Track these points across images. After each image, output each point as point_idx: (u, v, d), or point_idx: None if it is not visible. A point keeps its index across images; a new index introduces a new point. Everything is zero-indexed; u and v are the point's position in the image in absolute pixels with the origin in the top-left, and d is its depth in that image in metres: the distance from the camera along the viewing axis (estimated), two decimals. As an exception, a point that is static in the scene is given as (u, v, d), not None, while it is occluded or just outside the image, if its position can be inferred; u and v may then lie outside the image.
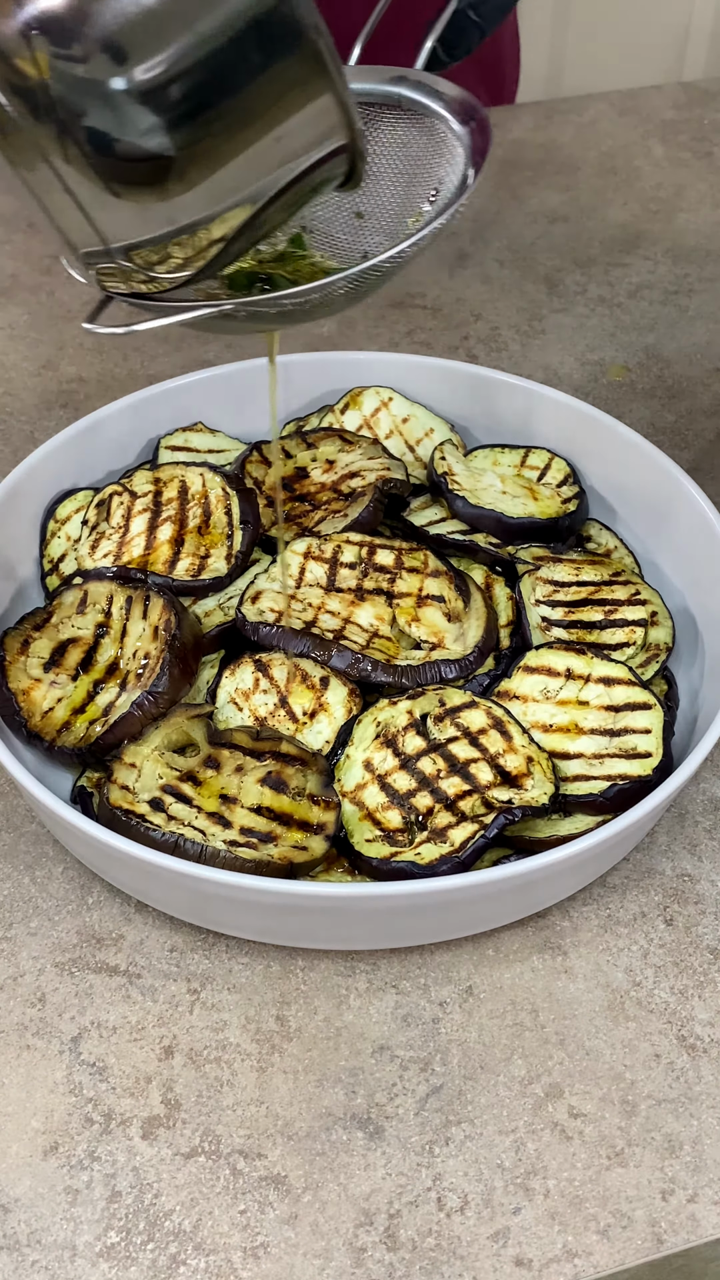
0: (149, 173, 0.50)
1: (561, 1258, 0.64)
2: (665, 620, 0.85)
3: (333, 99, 0.51)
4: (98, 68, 0.47)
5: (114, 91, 0.47)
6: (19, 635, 0.82)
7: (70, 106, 0.48)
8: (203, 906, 0.72)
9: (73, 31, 0.46)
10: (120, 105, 0.47)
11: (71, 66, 0.47)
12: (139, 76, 0.47)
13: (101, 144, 0.49)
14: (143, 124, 0.48)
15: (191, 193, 0.51)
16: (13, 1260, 0.63)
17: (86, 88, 0.47)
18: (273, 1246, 0.64)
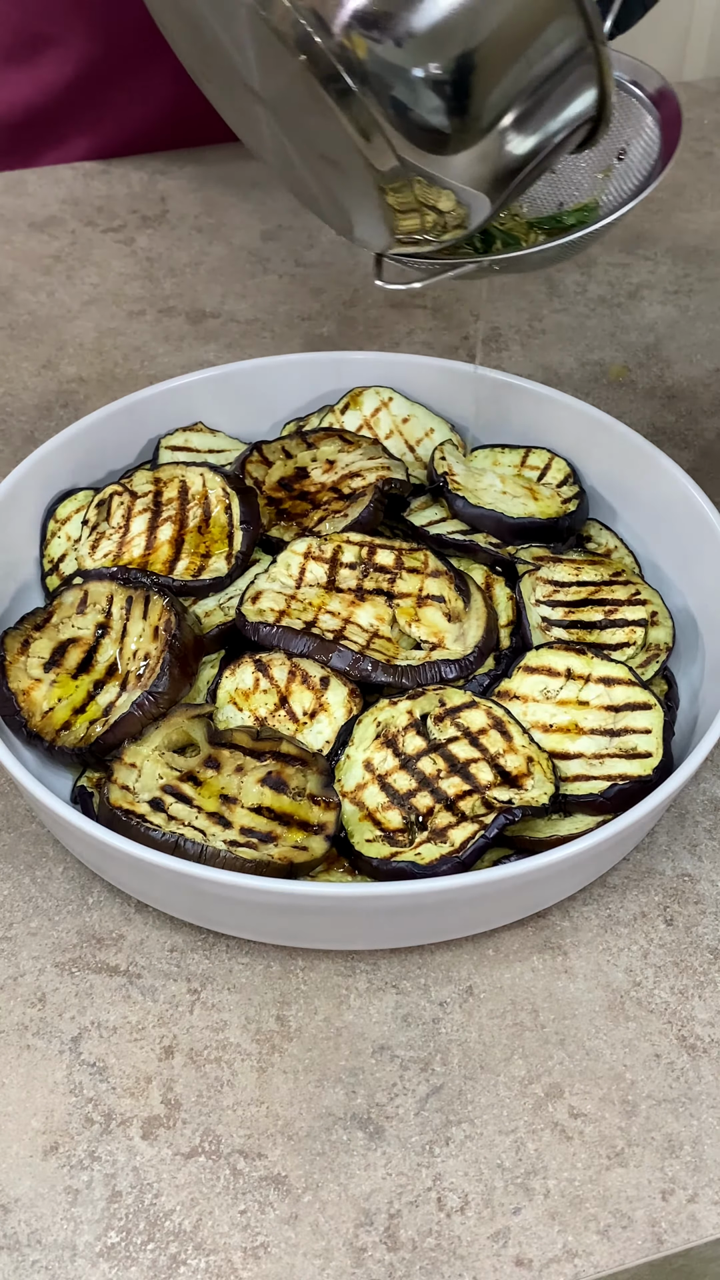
0: (433, 140, 0.60)
1: (561, 1258, 0.64)
2: (665, 620, 0.85)
3: (596, 90, 0.62)
4: (400, 55, 0.58)
5: (412, 76, 0.58)
6: (19, 635, 0.82)
7: (381, 82, 0.58)
8: (203, 906, 0.72)
9: (383, 25, 0.57)
10: (415, 87, 0.58)
11: (382, 51, 0.57)
12: (432, 70, 0.58)
13: (401, 111, 0.59)
14: (429, 104, 0.59)
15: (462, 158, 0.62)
16: (13, 1260, 0.63)
17: (391, 70, 0.58)
18: (273, 1246, 0.64)
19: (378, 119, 0.59)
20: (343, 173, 0.64)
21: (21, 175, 1.29)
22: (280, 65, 0.59)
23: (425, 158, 0.61)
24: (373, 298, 1.17)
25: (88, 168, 1.31)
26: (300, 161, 0.67)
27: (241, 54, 0.62)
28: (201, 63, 0.68)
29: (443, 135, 0.60)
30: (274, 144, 0.68)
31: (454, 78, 0.59)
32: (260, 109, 0.66)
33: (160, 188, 1.29)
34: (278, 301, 1.17)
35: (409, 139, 0.60)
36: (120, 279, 1.19)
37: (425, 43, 0.58)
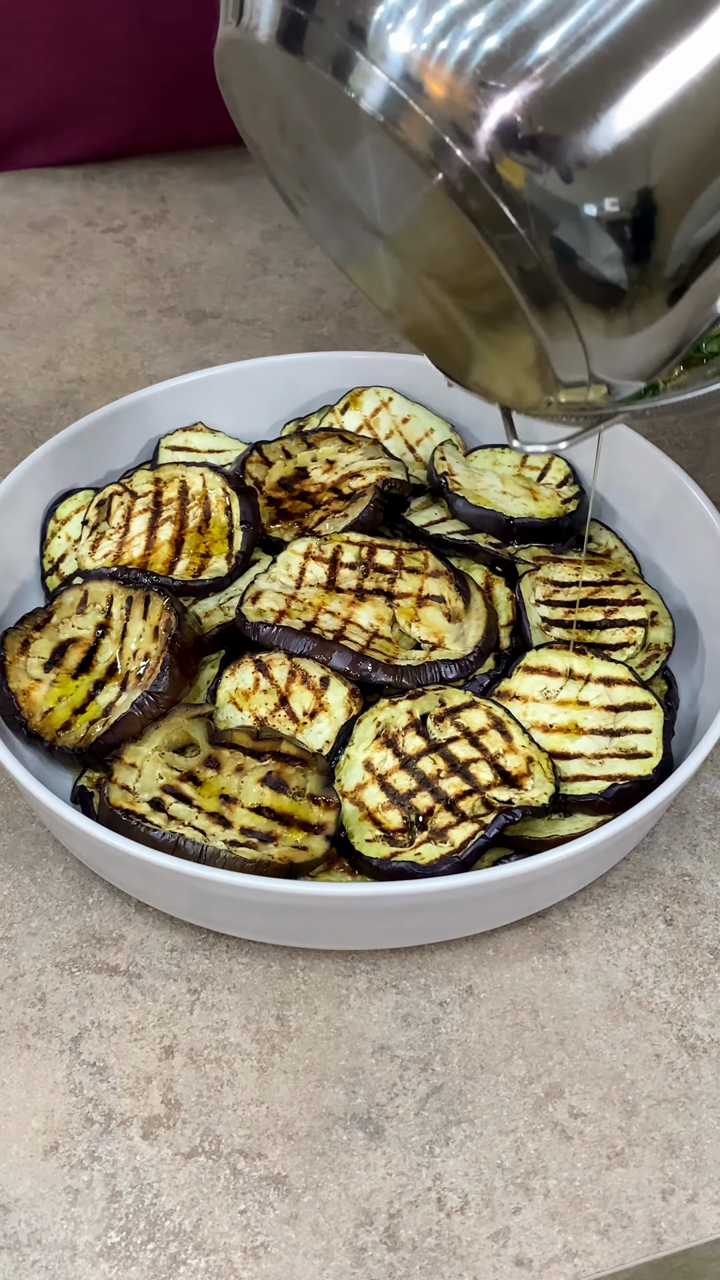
0: (603, 296, 0.49)
1: (562, 1257, 0.64)
2: (665, 620, 0.85)
3: None
4: (569, 188, 0.46)
5: (584, 215, 0.46)
6: (19, 635, 0.82)
7: (542, 216, 0.47)
8: (203, 906, 0.72)
9: (547, 149, 0.46)
10: (587, 228, 0.47)
11: (542, 180, 0.46)
12: (608, 207, 0.46)
13: (566, 256, 0.48)
14: (604, 251, 0.47)
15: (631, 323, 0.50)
16: (13, 1260, 0.63)
17: (556, 204, 0.46)
18: (273, 1246, 0.64)
19: (549, 270, 0.48)
20: (494, 327, 0.52)
21: (21, 175, 1.29)
22: (410, 199, 0.49)
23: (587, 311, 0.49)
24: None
25: (88, 168, 1.31)
26: (429, 310, 0.56)
27: (357, 180, 0.52)
28: (300, 184, 0.58)
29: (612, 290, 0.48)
30: (397, 289, 0.57)
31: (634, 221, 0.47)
32: (378, 245, 0.55)
33: (160, 188, 1.29)
34: (278, 301, 1.17)
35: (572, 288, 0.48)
36: (120, 279, 1.19)
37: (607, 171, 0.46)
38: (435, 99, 0.46)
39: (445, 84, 0.46)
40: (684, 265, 0.48)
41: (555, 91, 0.45)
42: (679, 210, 0.47)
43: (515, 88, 0.45)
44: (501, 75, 0.46)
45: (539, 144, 0.46)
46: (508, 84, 0.46)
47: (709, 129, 0.46)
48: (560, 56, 0.45)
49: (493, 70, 0.46)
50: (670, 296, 0.49)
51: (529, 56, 0.45)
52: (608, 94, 0.45)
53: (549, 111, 0.45)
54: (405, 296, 0.57)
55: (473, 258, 0.49)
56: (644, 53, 0.45)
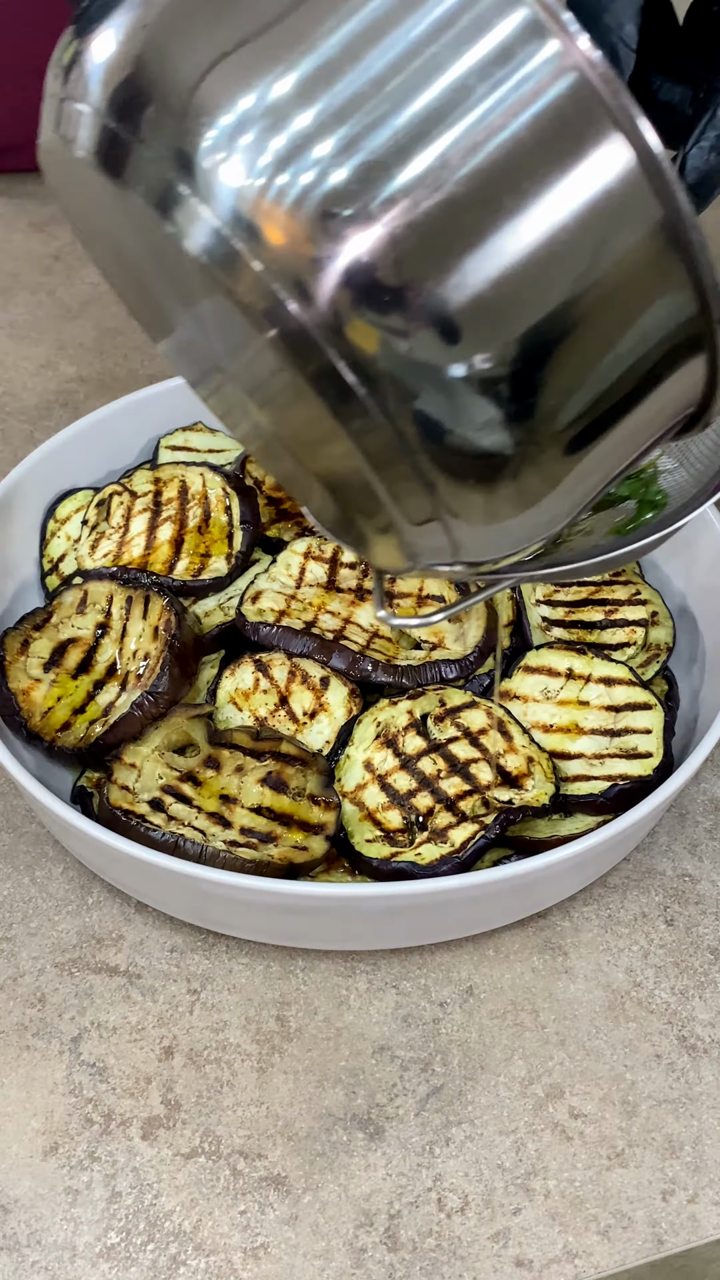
0: (481, 469, 0.42)
1: (562, 1258, 0.64)
2: (666, 620, 0.85)
3: (708, 369, 0.44)
4: (429, 348, 0.39)
5: (450, 379, 0.39)
6: (19, 635, 0.82)
7: (401, 386, 0.40)
8: (203, 907, 0.72)
9: (397, 300, 0.39)
10: (455, 393, 0.40)
11: (398, 340, 0.39)
12: (479, 364, 0.39)
13: (432, 430, 0.41)
14: (480, 417, 0.40)
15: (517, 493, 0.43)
16: (13, 1261, 0.63)
17: (417, 369, 0.39)
18: (273, 1247, 0.64)
19: (399, 437, 0.41)
20: (349, 500, 0.45)
21: (22, 175, 1.29)
22: (249, 351, 0.42)
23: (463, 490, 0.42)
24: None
25: (88, 168, 1.30)
26: (291, 461, 0.47)
27: (198, 325, 0.45)
28: (154, 326, 0.51)
29: (492, 460, 0.42)
30: (252, 433, 0.49)
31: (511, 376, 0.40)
32: (215, 375, 0.48)
33: (160, 188, 1.29)
34: (278, 301, 1.17)
35: (443, 467, 0.41)
36: (120, 279, 1.19)
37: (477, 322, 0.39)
38: (270, 245, 0.39)
39: (282, 227, 0.39)
40: (575, 417, 0.42)
41: (415, 235, 0.38)
42: (562, 356, 0.40)
43: (366, 231, 0.38)
44: (351, 217, 0.38)
45: (395, 298, 0.38)
46: (358, 227, 0.38)
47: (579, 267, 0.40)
48: (421, 194, 0.38)
49: (340, 211, 0.38)
50: (560, 456, 0.43)
51: (383, 193, 0.38)
52: (475, 235, 0.39)
53: (407, 259, 0.38)
54: (262, 440, 0.49)
55: (320, 429, 0.42)
56: (511, 190, 0.39)
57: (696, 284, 0.41)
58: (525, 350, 0.40)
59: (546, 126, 0.38)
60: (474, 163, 0.38)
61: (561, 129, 0.38)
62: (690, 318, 0.41)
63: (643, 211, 0.39)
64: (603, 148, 0.39)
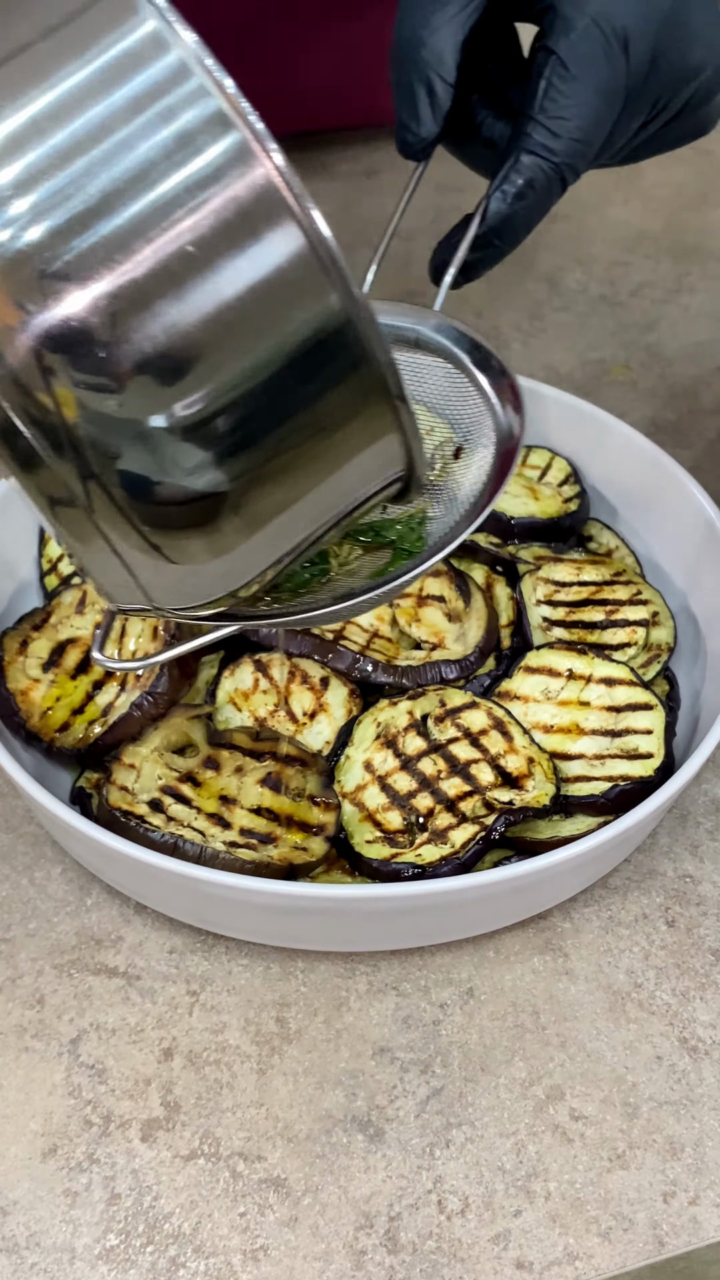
0: (195, 514, 0.42)
1: (562, 1260, 0.64)
2: (667, 620, 0.85)
3: (398, 435, 0.45)
4: (131, 402, 0.39)
5: (152, 429, 0.39)
6: (18, 635, 0.81)
7: (100, 447, 0.40)
8: (202, 908, 0.72)
9: (97, 356, 0.38)
10: (159, 444, 0.40)
11: (99, 399, 0.39)
12: (180, 411, 0.40)
13: (139, 488, 0.41)
14: (188, 462, 0.40)
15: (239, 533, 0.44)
16: (11, 1263, 0.63)
17: (118, 425, 0.39)
18: (272, 1249, 0.64)
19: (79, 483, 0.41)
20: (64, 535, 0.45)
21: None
22: None
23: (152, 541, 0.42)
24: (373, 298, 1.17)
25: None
26: None
27: None
28: None
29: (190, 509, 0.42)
30: None
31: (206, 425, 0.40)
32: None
33: (160, 186, 1.29)
34: (277, 300, 1.17)
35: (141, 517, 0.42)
36: (120, 278, 1.19)
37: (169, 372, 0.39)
38: None
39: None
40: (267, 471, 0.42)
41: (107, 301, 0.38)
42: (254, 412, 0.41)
43: (61, 296, 0.38)
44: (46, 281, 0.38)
45: (89, 360, 0.38)
46: (52, 292, 0.38)
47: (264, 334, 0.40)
48: (113, 261, 0.38)
49: (38, 271, 0.38)
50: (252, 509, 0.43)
51: (80, 247, 0.38)
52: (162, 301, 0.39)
53: (97, 324, 0.38)
54: None
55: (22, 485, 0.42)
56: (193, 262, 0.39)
57: (374, 368, 0.42)
58: (217, 405, 0.40)
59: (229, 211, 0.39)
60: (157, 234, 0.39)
61: (243, 214, 0.39)
62: (376, 394, 0.42)
63: (316, 292, 0.40)
64: (279, 231, 0.40)
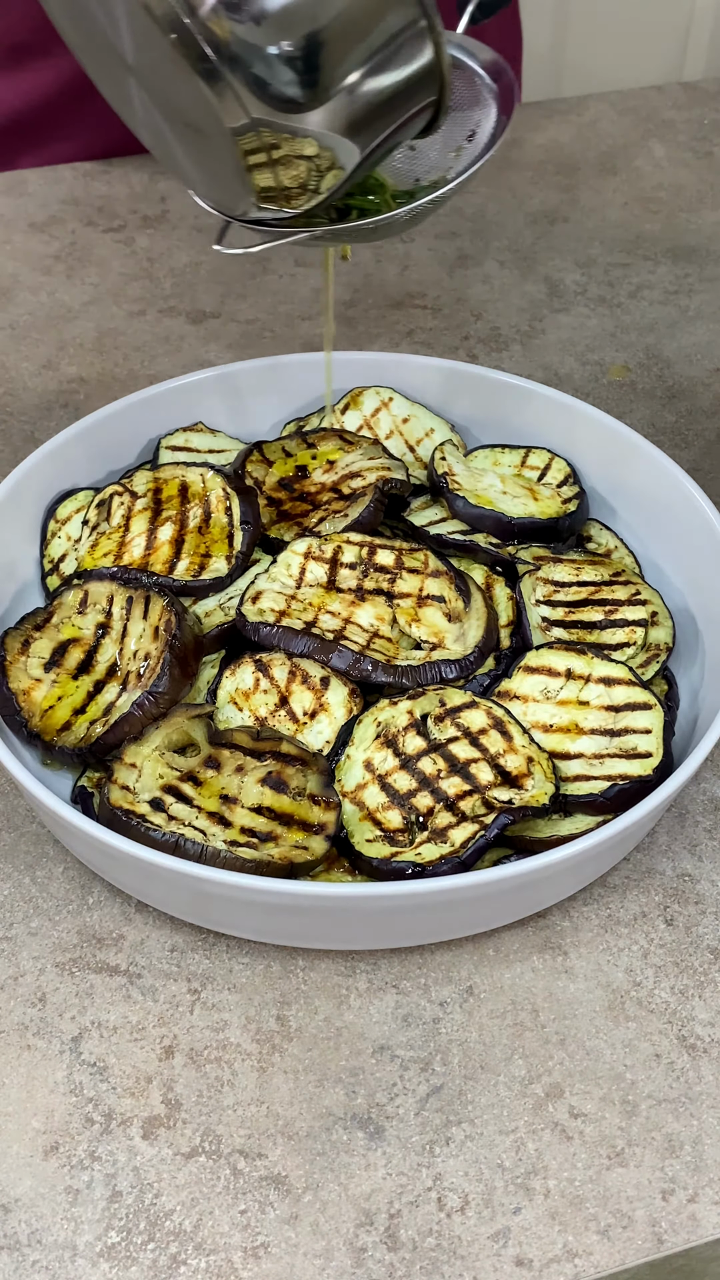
0: (288, 105, 0.64)
1: (562, 1257, 0.64)
2: (665, 620, 0.85)
3: (436, 71, 0.67)
4: (253, 33, 0.62)
5: (267, 52, 0.62)
6: (19, 635, 0.82)
7: (244, 58, 0.62)
8: (203, 906, 0.72)
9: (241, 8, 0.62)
10: (270, 61, 0.62)
11: (242, 30, 0.62)
12: (283, 46, 0.62)
13: (260, 85, 0.63)
14: (283, 76, 0.63)
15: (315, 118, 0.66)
16: (13, 1260, 0.63)
17: (249, 47, 0.62)
18: (273, 1246, 0.64)
19: (236, 89, 0.63)
20: (206, 137, 0.67)
21: (22, 175, 1.29)
22: (151, 41, 0.63)
23: (281, 118, 0.65)
24: (373, 298, 1.17)
25: (88, 168, 1.31)
26: (168, 130, 0.71)
27: (115, 29, 0.67)
28: (80, 37, 0.72)
29: (296, 101, 0.64)
30: (144, 116, 0.72)
31: (302, 52, 0.63)
32: (132, 81, 0.70)
33: (160, 188, 1.29)
34: (278, 301, 1.17)
35: (266, 104, 0.64)
36: (120, 279, 1.19)
37: (277, 23, 0.62)
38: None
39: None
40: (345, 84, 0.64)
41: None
42: (335, 49, 0.63)
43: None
44: None
45: (239, 5, 0.61)
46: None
47: None
48: None
49: None
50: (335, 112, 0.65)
51: None
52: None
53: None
54: (155, 126, 0.72)
55: (191, 88, 0.63)
56: None
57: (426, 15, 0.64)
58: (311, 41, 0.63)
59: None
60: None
61: None
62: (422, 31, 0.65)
63: None
64: None
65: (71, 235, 1.23)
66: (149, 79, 0.68)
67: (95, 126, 1.29)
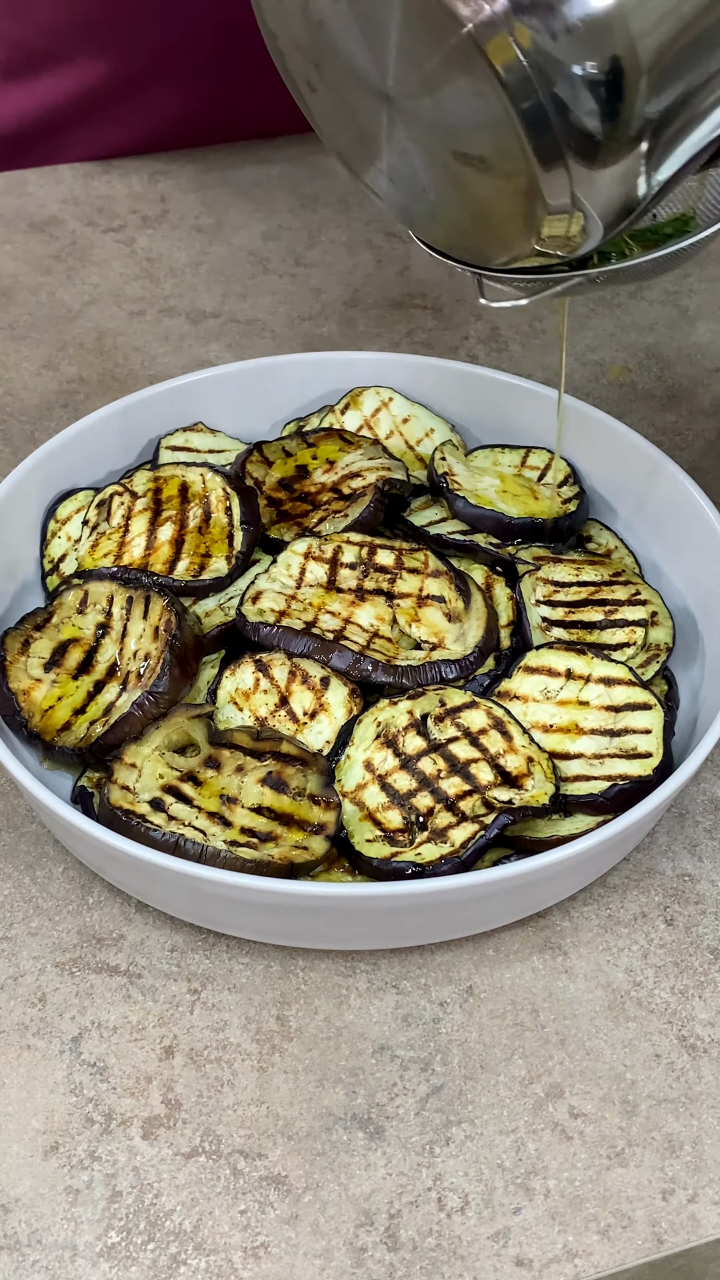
0: (584, 143, 0.57)
1: (562, 1258, 0.64)
2: (665, 620, 0.85)
3: None
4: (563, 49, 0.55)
5: (572, 74, 0.55)
6: (19, 635, 0.82)
7: (543, 72, 0.55)
8: (203, 906, 0.72)
9: (548, 12, 0.54)
10: (575, 85, 0.55)
11: (547, 44, 0.54)
12: (589, 69, 0.55)
13: (560, 107, 0.56)
14: (586, 106, 0.55)
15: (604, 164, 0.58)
16: (13, 1260, 0.63)
17: (554, 66, 0.55)
18: (273, 1246, 0.64)
19: (546, 114, 0.56)
20: (488, 172, 0.60)
21: (22, 175, 1.29)
22: (431, 53, 0.57)
23: (580, 165, 0.58)
24: (373, 298, 1.17)
25: (88, 168, 1.31)
26: (425, 168, 0.63)
27: (376, 48, 0.59)
28: (315, 66, 0.64)
29: (598, 143, 0.57)
30: (393, 156, 0.64)
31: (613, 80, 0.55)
32: (384, 113, 0.62)
33: (160, 188, 1.29)
34: (278, 301, 1.17)
35: (570, 143, 0.57)
36: (120, 279, 1.19)
37: (590, 36, 0.54)
38: None
39: None
40: (645, 126, 0.57)
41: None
42: (643, 79, 0.55)
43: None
44: None
45: (541, 10, 0.54)
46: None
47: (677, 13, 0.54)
48: None
49: None
50: (633, 151, 0.57)
51: None
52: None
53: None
54: (404, 165, 0.65)
55: (481, 104, 0.56)
56: None
57: None
58: (617, 65, 0.54)
59: None
60: None
61: None
62: None
63: None
64: None
65: (71, 235, 1.23)
66: (413, 105, 0.60)
67: (109, 132, 1.29)
